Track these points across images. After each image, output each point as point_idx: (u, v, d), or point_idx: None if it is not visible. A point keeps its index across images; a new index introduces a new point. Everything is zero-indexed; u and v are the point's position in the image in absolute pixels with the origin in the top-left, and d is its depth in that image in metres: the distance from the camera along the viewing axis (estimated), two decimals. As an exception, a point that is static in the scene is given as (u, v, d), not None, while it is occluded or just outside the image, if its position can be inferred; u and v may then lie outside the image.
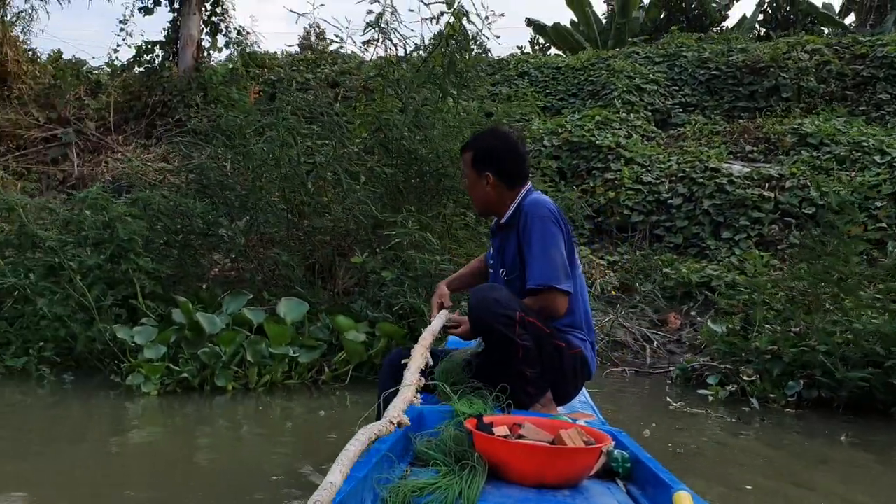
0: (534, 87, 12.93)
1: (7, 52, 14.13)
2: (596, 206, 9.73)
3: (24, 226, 6.08)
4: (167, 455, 3.83)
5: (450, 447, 2.10)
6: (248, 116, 6.72)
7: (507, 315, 2.57)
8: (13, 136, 12.35)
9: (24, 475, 3.30)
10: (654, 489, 1.99)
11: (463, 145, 3.09)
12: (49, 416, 4.50)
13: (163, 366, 4.86)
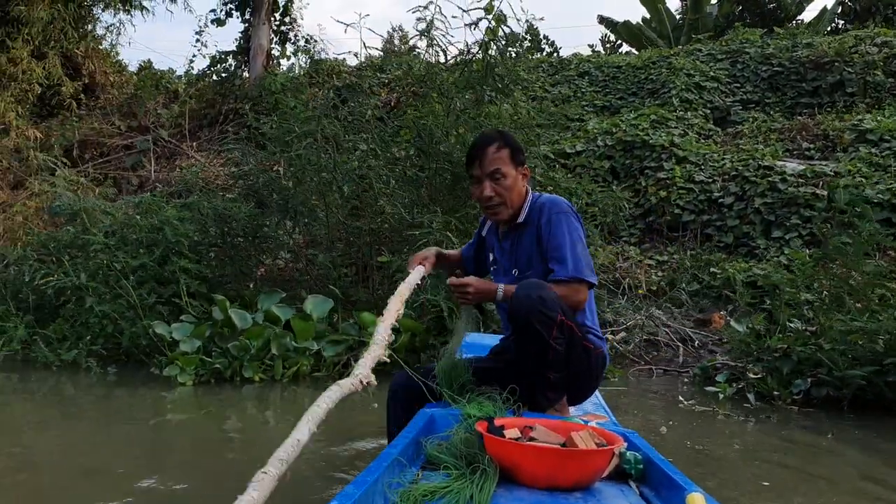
0: (593, 87, 12.97)
1: (94, 65, 15.03)
2: (647, 206, 9.72)
3: (86, 228, 6.57)
4: (200, 436, 4.18)
5: (461, 450, 2.08)
6: (301, 123, 7.07)
7: (549, 316, 2.53)
8: (97, 144, 13.13)
9: (78, 451, 3.75)
10: (668, 491, 1.97)
11: (483, 144, 2.92)
12: (96, 404, 4.94)
13: (197, 358, 5.25)
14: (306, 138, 6.43)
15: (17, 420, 4.57)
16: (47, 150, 11.88)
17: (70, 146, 12.67)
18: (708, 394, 5.31)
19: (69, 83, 12.81)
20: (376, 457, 1.96)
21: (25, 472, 3.39)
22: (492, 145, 2.89)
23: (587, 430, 2.15)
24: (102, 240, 6.06)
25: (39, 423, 4.43)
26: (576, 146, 10.59)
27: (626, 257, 9.16)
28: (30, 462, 3.61)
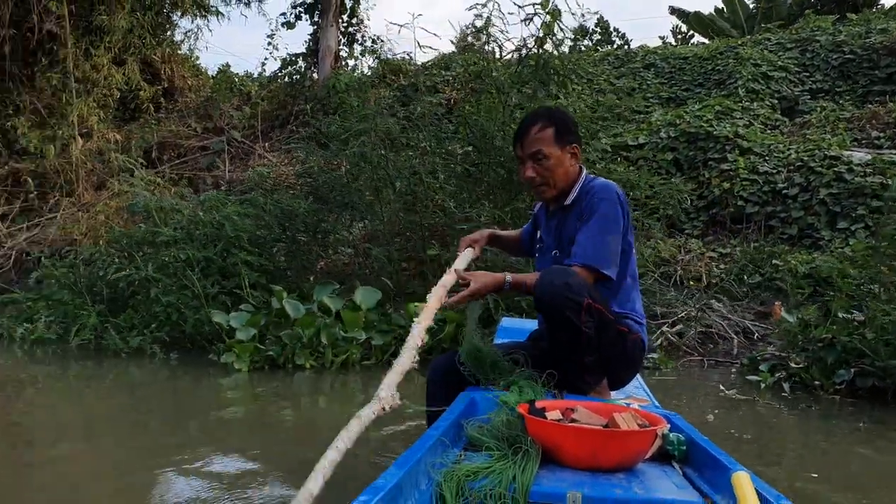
0: (659, 79, 12.87)
1: (173, 70, 15.65)
2: (710, 198, 9.62)
3: (157, 225, 6.94)
4: (254, 419, 4.45)
5: (502, 432, 2.09)
6: (358, 122, 7.30)
7: (576, 301, 2.49)
8: (174, 146, 13.69)
9: (145, 429, 4.12)
10: (712, 471, 1.96)
11: (527, 124, 2.88)
12: (160, 388, 5.28)
13: (251, 346, 5.52)
14: (360, 136, 6.63)
15: (90, 402, 4.93)
16: (127, 153, 12.45)
17: (149, 148, 13.25)
18: (751, 383, 5.30)
19: (148, 88, 13.38)
20: (418, 437, 2.00)
21: (98, 449, 3.72)
22: (535, 125, 2.83)
23: (629, 411, 2.15)
24: (170, 234, 6.39)
25: (109, 406, 4.77)
26: (638, 138, 10.54)
27: (687, 250, 9.08)
28: (101, 439, 3.93)
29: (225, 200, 6.84)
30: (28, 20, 13.05)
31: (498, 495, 1.78)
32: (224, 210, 6.48)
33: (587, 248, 2.67)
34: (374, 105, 8.48)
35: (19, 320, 7.00)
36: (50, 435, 4.01)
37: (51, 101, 12.90)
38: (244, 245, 6.24)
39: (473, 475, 1.83)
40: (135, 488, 3.06)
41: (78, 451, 3.68)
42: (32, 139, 12.15)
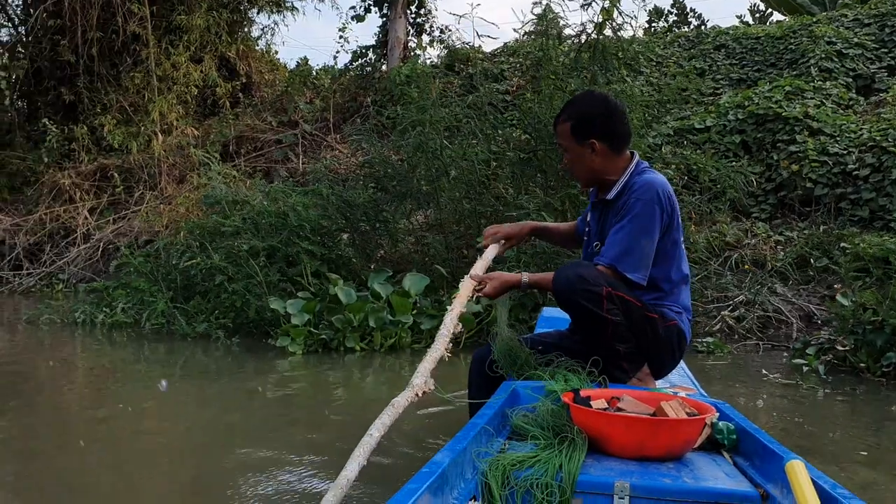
0: (729, 60, 12.62)
1: (251, 65, 16.14)
2: (778, 181, 9.45)
3: (226, 216, 7.28)
4: (310, 397, 4.77)
5: (547, 421, 2.08)
6: (417, 112, 7.48)
7: (593, 291, 2.51)
8: (251, 140, 14.15)
9: (209, 409, 4.49)
10: (763, 460, 1.93)
11: (556, 118, 2.90)
12: (223, 369, 5.63)
13: (305, 330, 5.80)
14: (415, 127, 6.81)
15: (157, 381, 5.30)
16: (206, 147, 12.97)
17: (227, 142, 13.75)
18: (798, 367, 5.27)
19: (224, 84, 13.85)
20: (463, 426, 1.99)
21: (170, 428, 4.08)
22: (560, 118, 2.86)
23: (677, 399, 2.13)
24: (234, 224, 6.72)
25: (179, 387, 5.12)
26: (705, 121, 10.41)
27: (754, 234, 8.96)
28: (172, 419, 4.28)
29: (289, 191, 7.12)
30: (113, 22, 13.71)
31: (544, 485, 1.76)
32: (288, 201, 6.75)
33: (615, 249, 2.66)
34: (433, 95, 8.66)
35: (100, 306, 7.49)
36: (131, 413, 4.36)
37: (134, 99, 13.52)
38: (307, 234, 6.50)
39: (519, 464, 1.83)
40: (212, 459, 3.40)
41: (160, 427, 4.07)
42: (117, 136, 12.77)
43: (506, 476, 1.78)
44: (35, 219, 12.63)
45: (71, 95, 14.19)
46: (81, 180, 13.15)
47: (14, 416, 4.16)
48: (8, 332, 7.48)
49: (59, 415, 4.35)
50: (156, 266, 7.44)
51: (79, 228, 12.33)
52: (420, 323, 5.89)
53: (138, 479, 3.15)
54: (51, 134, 13.00)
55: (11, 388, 4.91)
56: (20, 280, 11.62)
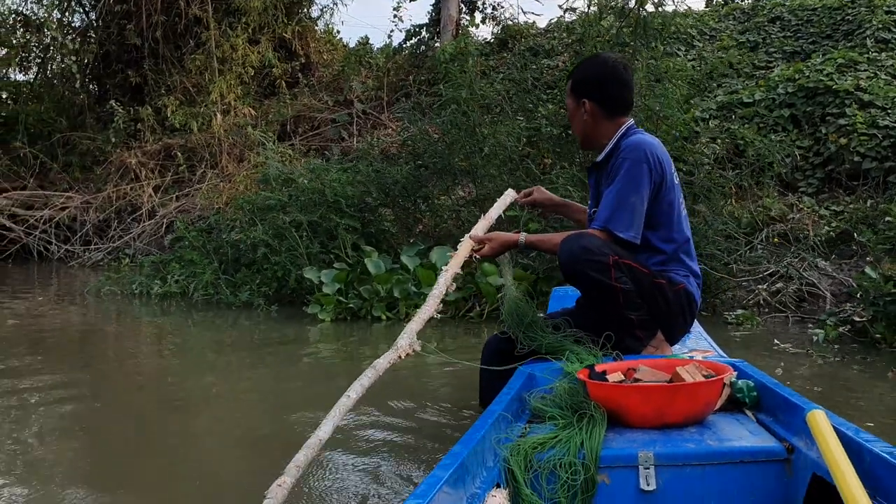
0: (784, 32, 12.40)
1: (309, 45, 16.49)
2: (827, 155, 9.34)
3: (273, 192, 7.62)
4: (336, 361, 5.10)
5: (565, 401, 2.07)
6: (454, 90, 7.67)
7: (599, 261, 2.52)
8: (308, 119, 14.53)
9: (250, 369, 4.85)
10: (785, 414, 1.92)
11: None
12: (261, 335, 5.97)
13: (334, 299, 6.12)
14: (451, 105, 7.00)
15: (208, 345, 5.77)
16: (265, 127, 13.39)
17: (285, 121, 14.15)
18: (811, 337, 5.33)
19: (280, 65, 14.22)
20: (479, 416, 1.98)
21: (215, 387, 4.44)
22: (568, 76, 2.98)
23: (693, 363, 2.13)
24: (276, 198, 7.05)
25: (221, 350, 5.54)
26: (754, 95, 10.32)
27: (800, 208, 8.91)
28: (217, 380, 4.64)
29: (329, 169, 7.41)
30: (176, 6, 14.22)
31: (568, 464, 1.76)
32: (325, 178, 7.04)
33: (605, 212, 2.68)
34: (477, 72, 8.82)
35: (156, 278, 7.94)
36: (185, 374, 4.77)
37: (196, 80, 14.01)
38: (344, 209, 6.78)
39: (541, 446, 1.82)
40: (256, 413, 3.75)
41: (210, 384, 4.48)
42: (179, 116, 13.27)
43: (528, 459, 1.77)
44: (104, 196, 13.27)
45: (138, 78, 14.81)
46: (147, 159, 13.73)
47: (83, 373, 4.64)
48: (72, 302, 7.99)
49: (117, 372, 4.79)
50: (207, 240, 7.84)
51: (144, 205, 12.91)
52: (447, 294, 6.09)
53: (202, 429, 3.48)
54: (118, 115, 13.58)
55: (80, 349, 5.44)
56: (89, 255, 12.25)
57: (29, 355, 5.12)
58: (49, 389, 4.11)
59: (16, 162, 14.03)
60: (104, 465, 3.01)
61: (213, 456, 3.10)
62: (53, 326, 6.42)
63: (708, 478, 1.77)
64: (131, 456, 3.09)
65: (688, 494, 1.77)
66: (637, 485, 1.77)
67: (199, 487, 2.71)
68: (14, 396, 3.93)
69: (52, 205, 13.24)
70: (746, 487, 1.77)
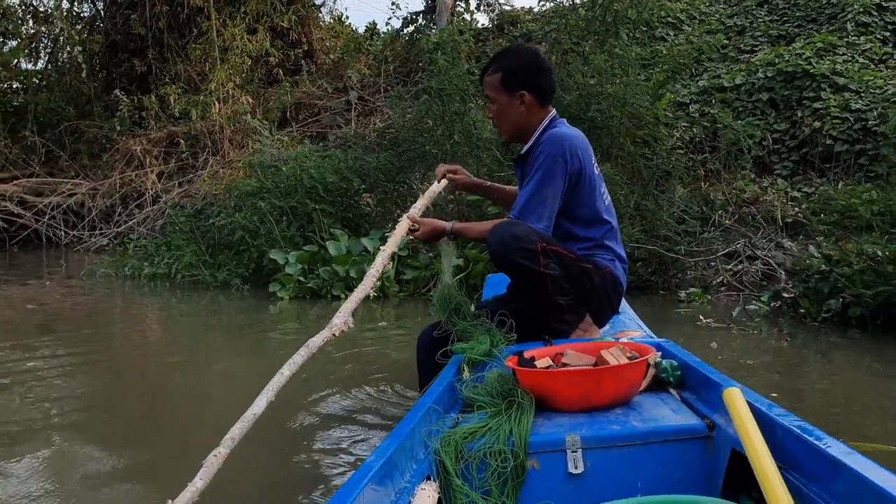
0: (771, 16, 12.56)
1: (312, 33, 16.81)
2: (801, 138, 9.56)
3: (259, 179, 7.99)
4: (286, 336, 5.49)
5: (496, 388, 2.08)
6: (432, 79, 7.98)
7: (527, 248, 2.58)
8: (308, 106, 14.87)
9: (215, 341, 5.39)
10: (707, 391, 1.98)
11: (483, 69, 2.96)
12: (231, 310, 6.53)
13: (294, 278, 6.61)
14: (424, 94, 7.33)
15: (186, 322, 6.28)
16: (266, 114, 13.76)
17: (286, 109, 14.50)
18: (745, 313, 5.62)
19: (276, 53, 14.55)
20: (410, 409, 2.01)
21: (185, 359, 4.90)
22: (489, 68, 2.91)
23: (617, 345, 2.17)
24: (255, 185, 7.45)
25: (197, 324, 6.11)
26: (734, 80, 10.53)
27: (774, 191, 9.15)
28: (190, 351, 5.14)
29: (310, 156, 7.76)
30: (178, -4, 14.59)
31: (498, 451, 1.78)
32: (305, 164, 7.41)
33: (520, 202, 2.76)
34: (463, 59, 9.12)
35: (146, 261, 8.38)
36: (166, 346, 5.32)
37: (197, 69, 14.39)
38: (320, 195, 7.15)
39: (471, 436, 1.84)
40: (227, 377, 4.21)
41: (189, 356, 4.99)
42: (181, 104, 13.67)
43: (459, 450, 1.79)
44: (110, 183, 13.70)
45: (143, 67, 15.19)
46: (151, 146, 14.15)
47: (86, 343, 5.17)
48: (71, 285, 8.45)
49: (116, 343, 5.40)
50: (195, 225, 8.24)
51: (147, 192, 13.33)
52: (403, 273, 6.60)
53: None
54: (122, 104, 13.99)
55: (84, 323, 6.03)
56: (94, 240, 12.71)
57: (40, 332, 5.74)
58: (59, 359, 4.63)
59: (25, 150, 14.50)
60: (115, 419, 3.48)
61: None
62: (61, 306, 6.99)
63: (634, 457, 1.82)
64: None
65: (615, 475, 1.81)
66: (566, 468, 1.81)
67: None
68: (30, 365, 4.43)
69: (59, 191, 13.71)
70: (671, 465, 1.82)
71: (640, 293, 6.67)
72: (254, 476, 2.59)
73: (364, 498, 1.38)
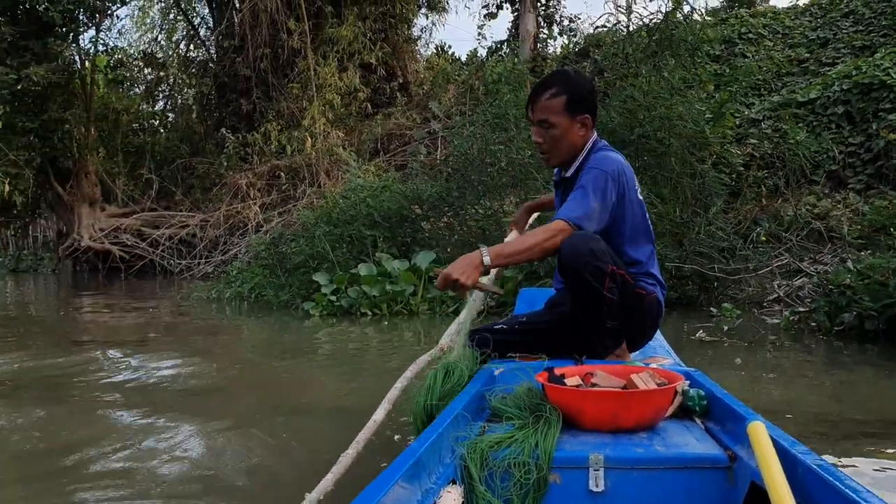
0: (856, 27, 12.26)
1: (406, 66, 17.56)
2: (876, 151, 9.36)
3: (331, 208, 8.62)
4: (321, 341, 6.11)
5: (524, 401, 2.11)
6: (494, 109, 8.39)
7: (599, 267, 2.50)
8: (399, 136, 15.56)
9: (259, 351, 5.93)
10: (732, 423, 1.99)
11: (537, 92, 2.82)
12: (281, 326, 7.10)
13: (325, 297, 7.28)
14: (473, 124, 7.75)
15: (251, 335, 6.94)
16: (359, 146, 14.55)
17: (377, 140, 15.24)
18: (769, 326, 5.68)
19: (364, 90, 15.31)
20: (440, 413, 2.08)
21: (248, 363, 5.42)
22: (548, 91, 2.79)
23: (648, 371, 2.19)
24: (315, 214, 8.05)
25: (250, 339, 6.74)
26: (809, 94, 10.41)
27: (847, 205, 9.01)
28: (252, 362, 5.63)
29: (369, 187, 8.34)
30: (279, 38, 15.62)
31: (521, 463, 1.81)
32: (360, 195, 8.01)
33: (575, 207, 2.63)
34: (528, 88, 9.46)
35: (229, 285, 9.23)
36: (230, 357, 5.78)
37: (295, 106, 15.34)
38: (376, 221, 7.70)
39: (497, 445, 1.87)
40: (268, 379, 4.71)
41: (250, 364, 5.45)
42: (279, 140, 14.62)
43: (484, 458, 1.82)
44: (217, 215, 14.78)
45: (249, 106, 16.32)
46: (255, 180, 15.17)
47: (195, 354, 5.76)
48: (172, 304, 9.41)
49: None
50: (273, 251, 9.00)
51: (250, 222, 14.30)
52: (428, 291, 7.26)
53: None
54: (229, 141, 15.08)
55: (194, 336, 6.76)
56: (201, 267, 13.76)
57: (158, 341, 6.48)
58: (170, 363, 5.14)
59: (142, 187, 15.83)
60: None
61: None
62: (170, 323, 7.81)
63: (655, 481, 1.83)
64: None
65: (634, 497, 1.83)
66: (587, 486, 1.84)
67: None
68: (143, 368, 4.98)
69: (173, 224, 14.89)
70: (690, 492, 1.84)
71: (682, 309, 6.84)
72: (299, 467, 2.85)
73: (393, 494, 1.44)
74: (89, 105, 15.61)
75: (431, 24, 20.17)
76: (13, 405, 3.84)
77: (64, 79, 14.09)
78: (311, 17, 15.45)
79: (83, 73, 15.62)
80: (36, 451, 3.05)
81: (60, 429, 3.38)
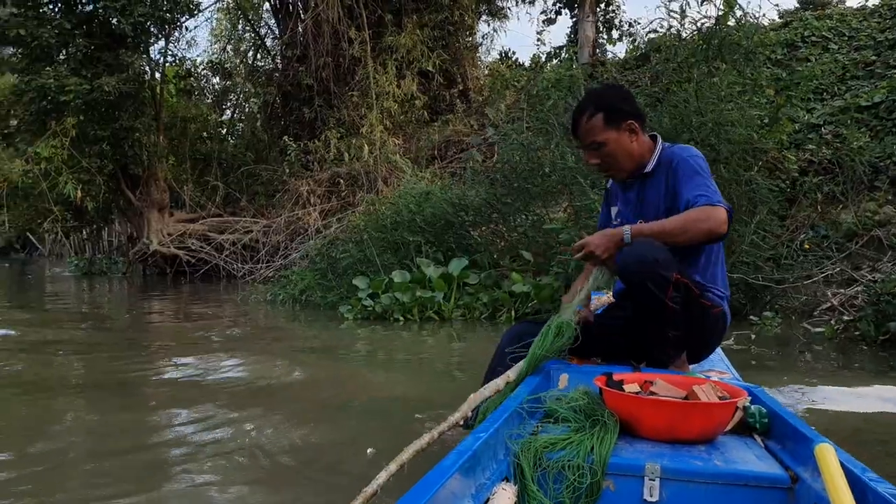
0: (919, 31, 11.85)
1: (467, 72, 17.67)
2: (933, 157, 9.05)
3: (378, 215, 8.77)
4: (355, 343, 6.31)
5: (580, 405, 2.08)
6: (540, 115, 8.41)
7: (663, 276, 2.46)
8: (457, 143, 15.66)
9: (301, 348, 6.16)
10: (794, 443, 1.93)
11: (575, 119, 2.82)
12: (323, 325, 7.31)
13: (359, 302, 7.43)
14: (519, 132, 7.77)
15: (299, 332, 7.15)
16: (413, 153, 14.71)
17: (435, 146, 15.37)
18: (812, 335, 5.55)
19: (422, 97, 15.46)
20: (496, 408, 2.09)
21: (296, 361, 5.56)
22: (583, 116, 2.79)
23: (709, 383, 2.16)
24: (360, 221, 8.18)
25: (310, 335, 6.97)
26: (873, 97, 10.11)
27: (907, 213, 8.73)
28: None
29: (411, 195, 8.48)
30: (340, 48, 15.90)
31: (576, 466, 1.80)
32: (404, 201, 8.15)
33: (692, 190, 2.59)
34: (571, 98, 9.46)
35: (282, 288, 9.54)
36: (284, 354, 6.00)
37: (355, 114, 15.60)
38: (420, 227, 7.82)
39: (551, 446, 1.86)
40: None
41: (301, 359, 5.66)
42: (339, 147, 14.88)
43: (538, 457, 1.82)
44: (279, 221, 15.12)
45: (311, 114, 16.65)
46: (316, 186, 15.45)
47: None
48: (232, 306, 9.79)
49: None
50: (325, 255, 9.22)
51: (310, 227, 14.58)
52: (460, 298, 7.34)
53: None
54: (290, 149, 15.41)
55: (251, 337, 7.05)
56: (263, 271, 14.09)
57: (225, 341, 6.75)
58: (232, 362, 5.42)
59: (208, 193, 16.30)
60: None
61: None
62: (233, 321, 8.12)
63: (711, 496, 1.78)
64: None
65: None
66: (641, 495, 1.80)
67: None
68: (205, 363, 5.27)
69: (237, 229, 15.29)
70: None
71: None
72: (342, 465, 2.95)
73: (449, 486, 1.44)
74: (159, 114, 16.14)
75: (493, 31, 20.17)
76: (91, 402, 4.13)
77: (134, 89, 14.59)
78: (371, 26, 15.69)
79: (153, 83, 16.16)
80: (119, 442, 3.29)
81: (138, 423, 3.63)
